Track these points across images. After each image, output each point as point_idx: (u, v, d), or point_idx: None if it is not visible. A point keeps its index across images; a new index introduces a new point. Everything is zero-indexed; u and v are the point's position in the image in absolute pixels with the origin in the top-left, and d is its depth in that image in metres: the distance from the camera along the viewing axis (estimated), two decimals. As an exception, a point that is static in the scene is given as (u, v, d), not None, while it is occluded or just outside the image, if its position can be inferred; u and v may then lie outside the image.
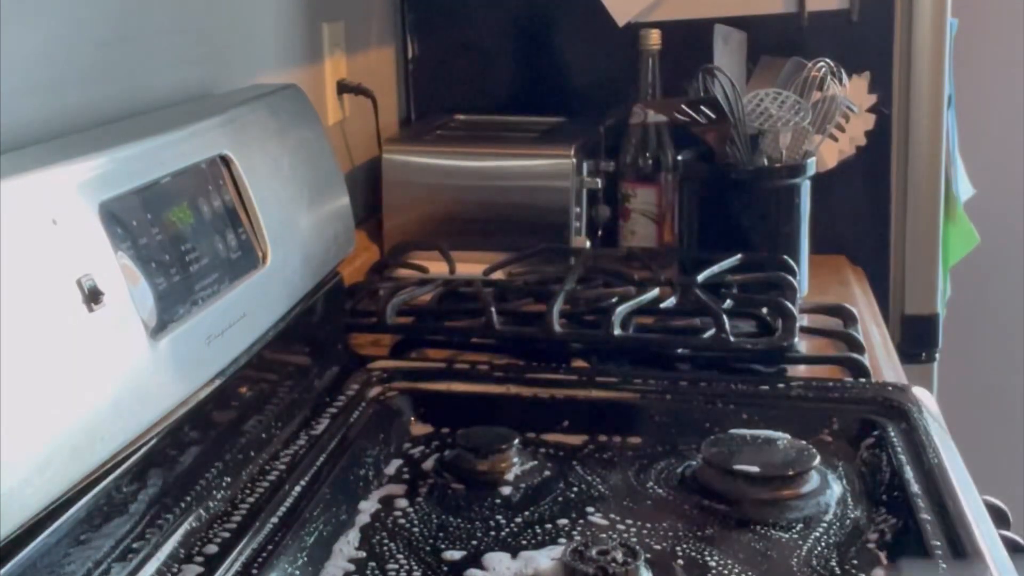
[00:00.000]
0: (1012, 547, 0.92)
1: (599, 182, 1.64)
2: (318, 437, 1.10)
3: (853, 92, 1.65)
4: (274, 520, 0.94)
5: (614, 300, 1.34)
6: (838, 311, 1.43)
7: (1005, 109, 2.33)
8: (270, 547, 0.91)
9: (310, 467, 1.05)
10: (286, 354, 1.13)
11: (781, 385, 1.22)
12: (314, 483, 1.03)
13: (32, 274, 0.74)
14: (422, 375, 1.28)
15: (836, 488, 1.04)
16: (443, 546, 0.96)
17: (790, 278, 1.42)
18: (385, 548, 0.96)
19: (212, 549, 0.89)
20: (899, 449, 1.07)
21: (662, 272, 1.49)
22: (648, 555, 0.91)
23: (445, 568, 0.93)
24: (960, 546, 0.89)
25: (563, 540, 0.96)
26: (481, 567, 0.93)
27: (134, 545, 0.84)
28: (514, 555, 0.94)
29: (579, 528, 0.99)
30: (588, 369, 1.29)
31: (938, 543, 0.90)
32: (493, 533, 0.98)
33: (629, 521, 1.00)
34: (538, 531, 0.99)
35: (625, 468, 1.11)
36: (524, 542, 0.97)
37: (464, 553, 0.95)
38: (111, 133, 0.95)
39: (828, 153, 1.67)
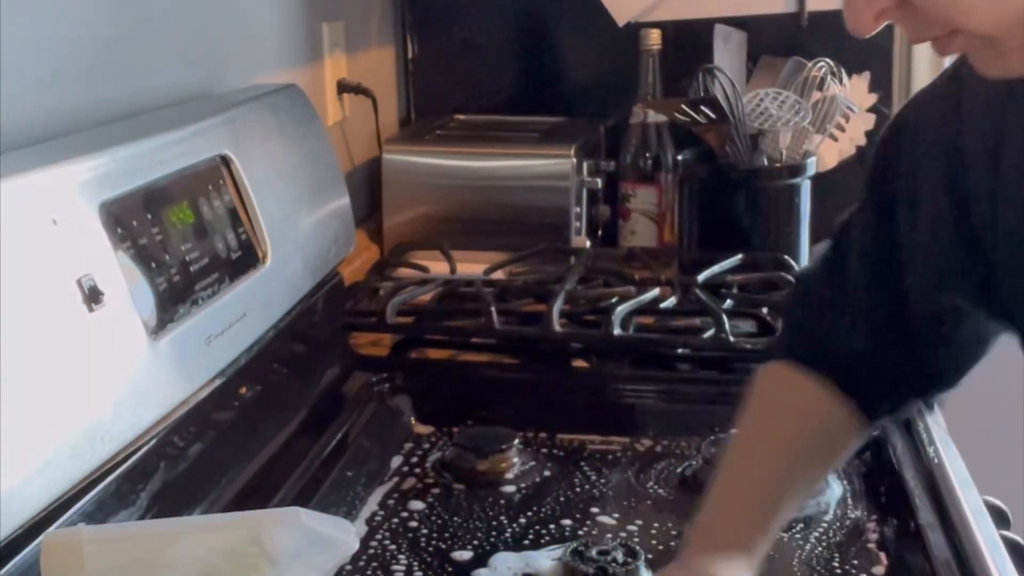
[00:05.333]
0: (1012, 547, 0.92)
1: (599, 182, 1.64)
2: (318, 437, 1.10)
3: (853, 92, 1.65)
4: (274, 520, 0.94)
5: (614, 300, 1.34)
6: (838, 311, 1.43)
7: (1005, 109, 2.33)
8: (270, 547, 0.91)
9: (310, 467, 1.05)
10: (286, 354, 1.13)
11: (781, 385, 1.22)
12: (314, 483, 1.03)
13: (32, 274, 0.74)
14: (422, 375, 1.28)
15: (836, 488, 1.04)
16: (445, 546, 0.96)
17: (790, 278, 1.42)
18: (387, 548, 0.96)
19: (212, 549, 0.89)
20: (899, 449, 1.07)
21: (662, 272, 1.49)
22: (648, 555, 0.91)
23: (449, 568, 0.93)
24: (960, 546, 0.89)
25: (567, 540, 0.96)
26: (486, 567, 0.93)
27: (134, 545, 0.84)
28: (520, 555, 0.94)
29: (584, 528, 0.99)
30: (588, 369, 1.30)
31: (938, 543, 0.90)
32: (496, 533, 0.98)
33: (630, 521, 1.00)
34: (542, 531, 0.99)
35: (625, 468, 1.11)
36: (527, 542, 0.97)
37: (471, 554, 0.95)
38: (111, 133, 0.95)
39: (828, 153, 1.67)
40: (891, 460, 1.06)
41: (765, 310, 1.34)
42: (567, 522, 1.00)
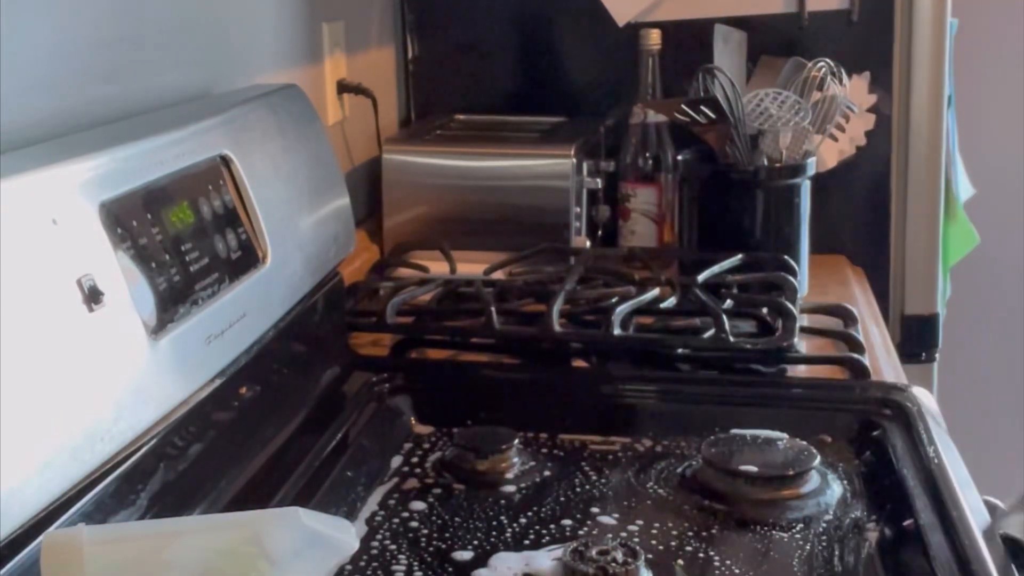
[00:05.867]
0: (1012, 546, 0.92)
1: (599, 182, 1.64)
2: (318, 437, 1.10)
3: (853, 92, 1.65)
4: (274, 520, 0.94)
5: (614, 300, 1.34)
6: (838, 311, 1.43)
7: (1005, 109, 2.33)
8: (270, 547, 0.91)
9: (310, 467, 1.05)
10: (286, 354, 1.13)
11: (781, 385, 1.22)
12: (314, 483, 1.03)
13: (32, 274, 0.74)
14: (422, 375, 1.28)
15: (836, 488, 1.04)
16: (445, 546, 0.96)
17: (790, 278, 1.42)
18: (387, 548, 0.96)
19: (212, 549, 0.89)
20: (899, 449, 1.07)
21: (662, 272, 1.49)
22: (648, 555, 0.91)
23: (449, 568, 0.93)
24: (960, 546, 0.89)
25: (568, 540, 0.96)
26: (487, 567, 0.93)
27: (134, 545, 0.84)
28: (520, 555, 0.94)
29: (584, 528, 0.99)
30: (588, 369, 1.30)
31: (938, 543, 0.90)
32: (496, 533, 0.98)
33: (630, 521, 1.00)
34: (542, 531, 0.99)
35: (625, 468, 1.11)
36: (527, 543, 0.97)
37: (472, 554, 0.95)
38: (111, 133, 0.95)
39: (828, 153, 1.67)
40: (891, 460, 1.06)
41: (765, 310, 1.34)
42: (567, 522, 1.00)
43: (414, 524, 1.00)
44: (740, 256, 1.46)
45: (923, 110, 1.73)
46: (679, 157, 1.58)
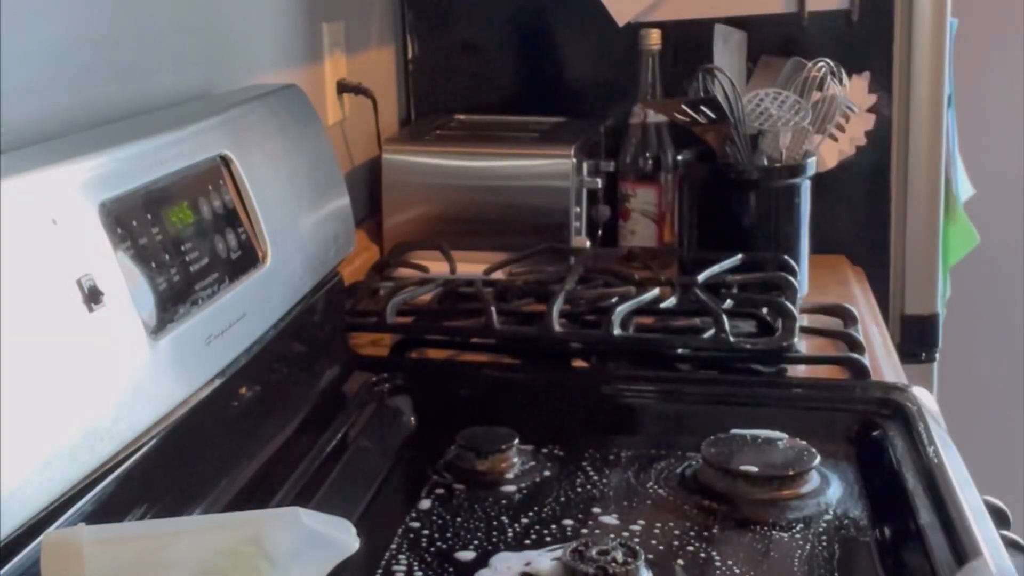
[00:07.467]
0: (1012, 547, 0.92)
1: (599, 182, 1.64)
2: (318, 437, 1.10)
3: (853, 92, 1.65)
4: (274, 520, 0.94)
5: (614, 300, 1.34)
6: (838, 311, 1.43)
7: (1005, 109, 2.33)
8: (270, 547, 0.90)
9: (310, 467, 1.05)
10: (286, 354, 1.13)
11: (781, 385, 1.22)
12: (314, 483, 1.03)
13: (32, 274, 0.74)
14: (422, 375, 1.28)
15: (836, 488, 1.04)
16: (446, 546, 0.96)
17: (790, 278, 1.42)
18: (387, 548, 0.96)
19: (212, 549, 0.89)
20: (899, 449, 1.07)
21: (662, 272, 1.49)
22: (648, 555, 0.91)
23: (450, 568, 0.93)
24: (960, 546, 0.89)
25: (569, 540, 0.96)
26: (487, 567, 0.92)
27: (134, 545, 0.84)
28: (521, 555, 0.94)
29: (586, 528, 0.99)
30: (588, 369, 1.30)
31: (938, 543, 0.90)
32: (497, 533, 0.98)
33: (632, 521, 1.00)
34: (543, 532, 0.99)
35: (625, 468, 1.11)
36: (528, 543, 0.97)
37: (473, 554, 0.95)
38: (111, 133, 0.95)
39: (828, 153, 1.67)
40: (891, 460, 1.06)
41: (765, 310, 1.34)
42: (568, 522, 1.00)
43: (415, 524, 1.00)
44: (740, 256, 1.46)
45: (923, 110, 1.73)
46: (679, 157, 1.58)
